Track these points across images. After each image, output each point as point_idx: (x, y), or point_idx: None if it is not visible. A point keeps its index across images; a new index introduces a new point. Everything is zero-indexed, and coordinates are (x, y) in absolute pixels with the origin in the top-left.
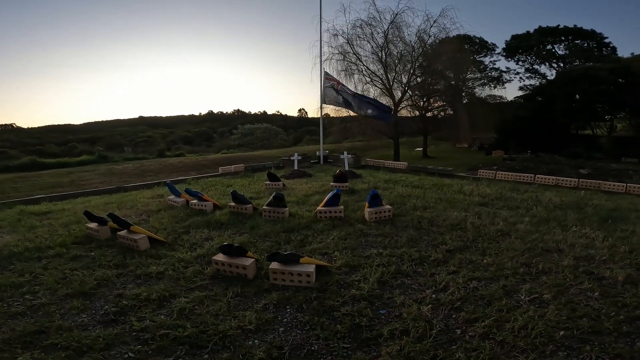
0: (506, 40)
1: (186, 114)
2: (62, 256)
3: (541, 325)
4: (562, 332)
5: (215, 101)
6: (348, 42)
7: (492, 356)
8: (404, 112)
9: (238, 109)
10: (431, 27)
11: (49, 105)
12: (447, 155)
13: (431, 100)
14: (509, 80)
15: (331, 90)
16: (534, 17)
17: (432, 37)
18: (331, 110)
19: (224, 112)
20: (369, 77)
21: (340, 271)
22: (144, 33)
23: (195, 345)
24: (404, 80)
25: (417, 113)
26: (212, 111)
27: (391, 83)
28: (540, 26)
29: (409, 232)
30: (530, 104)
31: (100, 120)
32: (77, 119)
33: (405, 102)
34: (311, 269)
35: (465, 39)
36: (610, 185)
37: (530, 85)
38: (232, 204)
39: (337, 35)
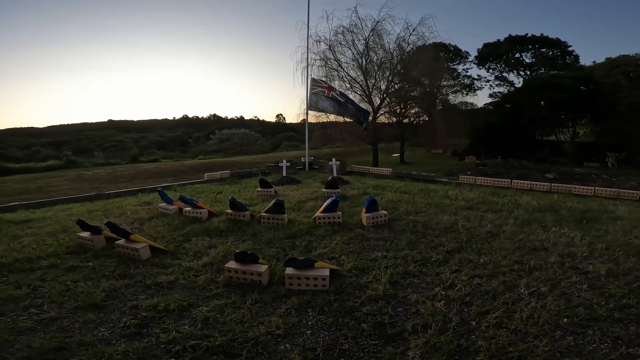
0: (478, 49)
1: (159, 118)
2: (57, 267)
3: (545, 314)
4: (565, 320)
5: (190, 105)
6: (330, 49)
7: (510, 342)
8: (382, 119)
9: (214, 114)
10: (410, 35)
11: (10, 107)
12: (423, 161)
13: (408, 107)
14: (480, 88)
15: (319, 96)
16: (507, 26)
17: (411, 45)
18: (311, 116)
19: (200, 116)
20: (349, 83)
21: (351, 274)
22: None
23: (229, 354)
24: (383, 87)
25: (394, 119)
26: (187, 115)
27: (370, 89)
28: (510, 35)
29: (407, 235)
30: (499, 111)
31: (65, 123)
32: (41, 122)
33: (383, 108)
34: (326, 273)
35: (440, 47)
36: (579, 189)
37: (499, 92)
38: (229, 210)
39: (319, 41)
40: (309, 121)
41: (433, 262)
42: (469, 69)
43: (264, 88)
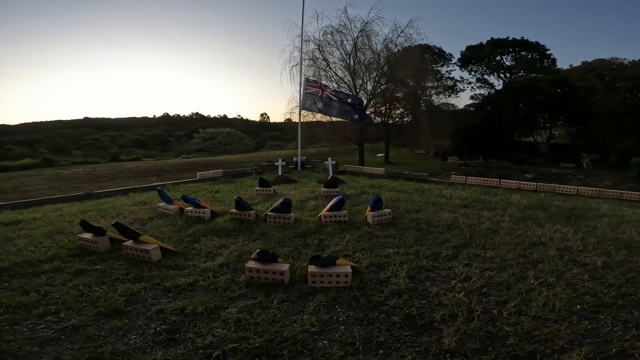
0: (462, 51)
1: (138, 116)
2: (62, 271)
3: (558, 302)
4: (578, 306)
5: (171, 103)
6: (319, 48)
7: (534, 327)
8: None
9: (197, 112)
10: (398, 36)
11: None
12: (407, 161)
13: (392, 108)
14: (462, 90)
15: (314, 97)
16: (489, 29)
17: (398, 46)
18: (297, 116)
19: (181, 114)
20: (337, 83)
21: (369, 270)
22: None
23: (271, 355)
24: (369, 88)
25: (379, 120)
26: (167, 114)
27: (358, 90)
28: (492, 37)
29: (413, 232)
30: (480, 113)
31: (39, 120)
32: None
33: (369, 109)
34: (349, 269)
35: (425, 49)
36: (564, 188)
37: (480, 94)
38: (234, 210)
39: (308, 41)
40: (295, 120)
41: (443, 257)
42: (452, 70)
43: (248, 87)
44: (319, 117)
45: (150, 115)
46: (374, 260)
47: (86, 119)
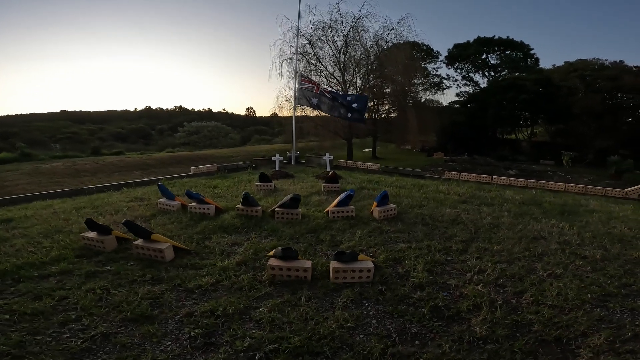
0: (449, 49)
1: (118, 109)
2: (71, 273)
3: (570, 292)
4: (588, 295)
5: (153, 96)
6: (310, 43)
7: (554, 315)
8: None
9: (180, 106)
10: (389, 33)
11: None
12: (394, 157)
13: (380, 103)
14: (448, 87)
15: (306, 92)
16: (475, 27)
17: (388, 43)
18: (285, 109)
19: (164, 108)
20: (326, 79)
21: (387, 265)
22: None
23: (313, 353)
24: (359, 84)
25: (366, 115)
26: (149, 107)
27: (347, 85)
28: (479, 36)
29: (420, 227)
30: (465, 110)
31: (13, 113)
32: None
33: None
34: (371, 265)
35: (414, 46)
36: (552, 185)
37: (465, 92)
38: (241, 206)
39: (300, 35)
40: (283, 115)
41: (454, 251)
42: (438, 68)
43: (234, 80)
44: (307, 111)
45: (131, 109)
46: (390, 255)
47: (63, 112)
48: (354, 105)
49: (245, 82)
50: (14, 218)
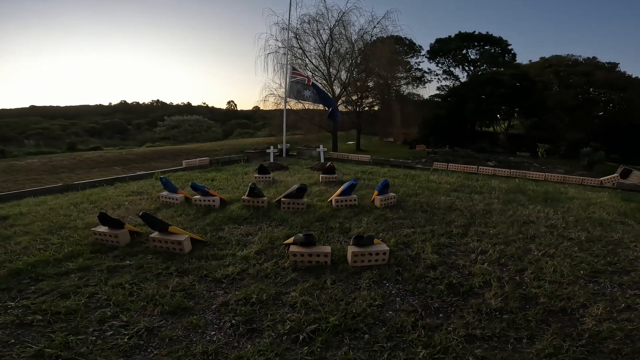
0: (431, 43)
1: (91, 103)
2: (91, 269)
3: (564, 269)
4: (581, 272)
5: (129, 90)
6: (296, 37)
7: (554, 289)
8: (341, 108)
9: (158, 100)
10: (374, 27)
11: None
12: (378, 149)
13: (364, 97)
14: (430, 81)
15: (300, 85)
16: (455, 22)
17: (373, 37)
18: (270, 103)
19: (141, 102)
20: (311, 72)
21: (397, 248)
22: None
23: (351, 330)
24: (344, 77)
25: (350, 108)
26: (125, 101)
27: (332, 79)
28: (460, 31)
29: (420, 214)
30: (446, 104)
31: None
32: None
33: (343, 97)
34: (386, 248)
35: (397, 40)
36: (533, 174)
37: (446, 85)
38: (246, 197)
39: (285, 29)
40: (268, 108)
41: (455, 234)
42: (420, 62)
43: (214, 73)
44: (292, 104)
45: (105, 103)
46: (399, 240)
47: (32, 107)
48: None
49: (227, 75)
50: (9, 215)
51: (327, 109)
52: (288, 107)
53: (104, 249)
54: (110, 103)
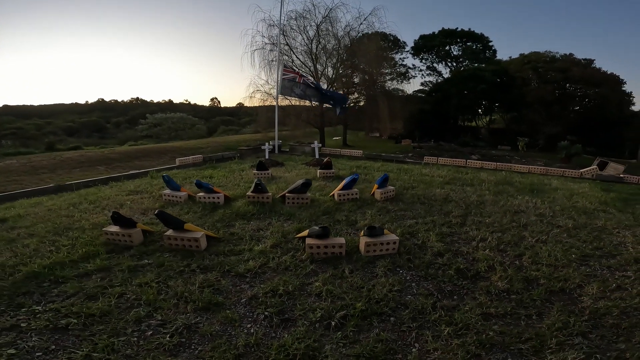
0: (415, 40)
1: (67, 102)
2: (111, 269)
3: (557, 254)
4: (573, 256)
5: (106, 88)
6: (283, 33)
7: (551, 272)
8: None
9: (138, 97)
10: (361, 24)
11: None
12: (364, 144)
13: (349, 93)
14: (414, 77)
15: (292, 82)
16: (439, 19)
17: (360, 34)
18: (257, 99)
19: (119, 100)
20: (297, 69)
21: (404, 238)
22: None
23: (378, 314)
24: (330, 73)
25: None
26: (102, 99)
27: (319, 75)
28: (443, 28)
29: (419, 206)
30: (430, 99)
31: None
32: None
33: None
34: (396, 238)
35: (382, 36)
36: (518, 167)
37: (430, 81)
38: (251, 194)
39: (273, 25)
40: (254, 105)
41: (454, 224)
42: (405, 58)
43: (197, 70)
44: (279, 100)
45: (82, 101)
46: (404, 230)
47: (5, 106)
48: (336, 98)
49: (210, 72)
50: (7, 218)
51: (330, 104)
52: (274, 103)
53: (118, 248)
54: (87, 101)
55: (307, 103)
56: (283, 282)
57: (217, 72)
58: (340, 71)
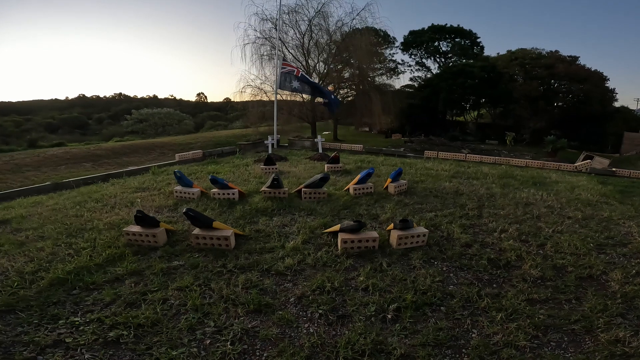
0: (404, 35)
1: (46, 98)
2: (142, 273)
3: (573, 242)
4: (591, 245)
5: (87, 84)
6: (275, 28)
7: (575, 260)
8: (319, 99)
9: (120, 93)
10: (353, 19)
11: None
12: (354, 139)
13: (340, 87)
14: (403, 72)
15: (290, 76)
16: (427, 14)
17: (352, 29)
18: (247, 94)
19: (101, 95)
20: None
21: (429, 230)
22: None
23: (429, 304)
24: (322, 68)
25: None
26: (83, 95)
27: (311, 70)
28: (432, 24)
29: (432, 199)
30: (419, 94)
31: None
32: None
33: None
34: (425, 230)
35: (373, 32)
36: (515, 161)
37: (419, 77)
38: (267, 189)
39: (265, 20)
40: (244, 99)
41: (472, 216)
42: (394, 53)
43: (182, 65)
44: (270, 95)
45: (62, 97)
46: (427, 223)
47: None
48: (331, 97)
49: (195, 67)
50: (9, 219)
51: (323, 100)
52: (266, 98)
53: (143, 250)
54: (67, 97)
55: (299, 98)
56: (327, 278)
57: (204, 68)
58: (331, 66)
